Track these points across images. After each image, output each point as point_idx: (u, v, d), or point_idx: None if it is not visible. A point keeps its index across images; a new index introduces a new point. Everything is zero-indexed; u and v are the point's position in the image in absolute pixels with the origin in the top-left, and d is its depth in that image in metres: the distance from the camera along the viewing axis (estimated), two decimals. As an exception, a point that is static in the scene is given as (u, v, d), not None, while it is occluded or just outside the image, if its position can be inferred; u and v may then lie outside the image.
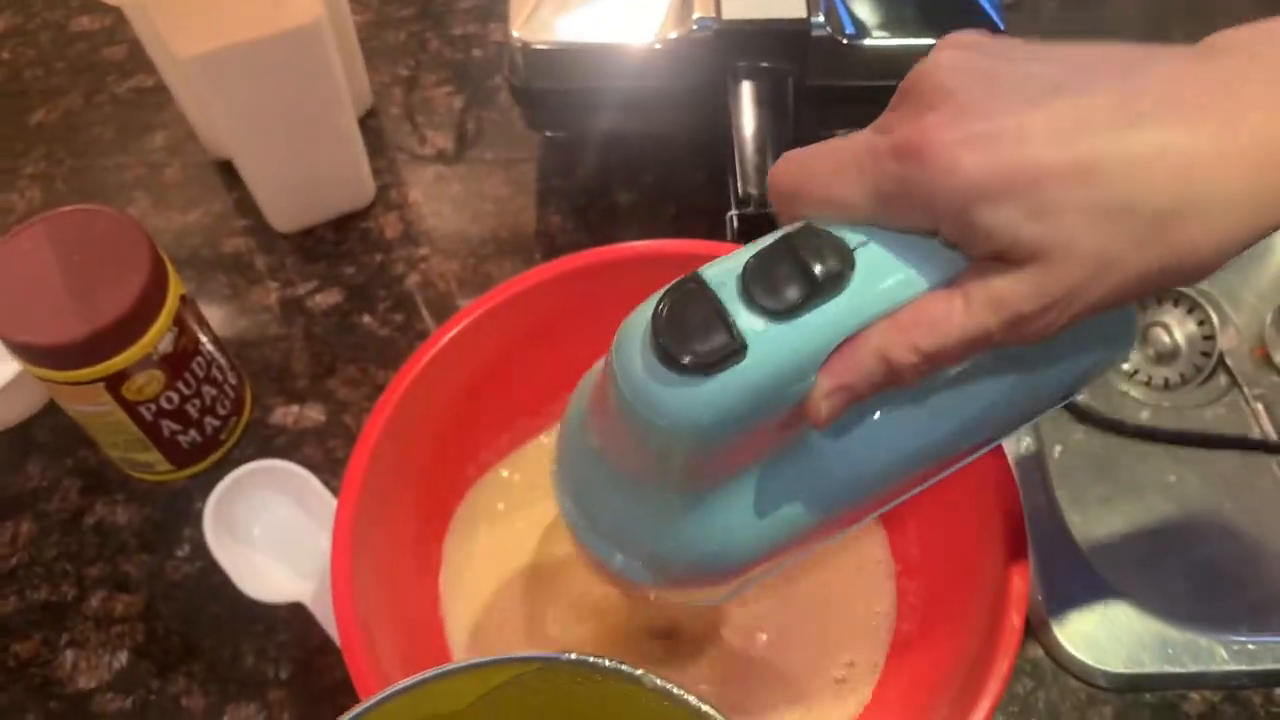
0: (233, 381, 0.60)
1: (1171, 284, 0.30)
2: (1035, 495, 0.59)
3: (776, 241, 0.31)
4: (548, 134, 0.73)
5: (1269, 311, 0.76)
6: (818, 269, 0.30)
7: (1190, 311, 0.78)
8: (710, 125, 0.62)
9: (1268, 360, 0.75)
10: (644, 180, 0.72)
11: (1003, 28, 0.61)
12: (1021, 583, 0.44)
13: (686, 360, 0.30)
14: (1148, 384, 0.77)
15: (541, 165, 0.73)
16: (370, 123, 0.75)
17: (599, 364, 0.36)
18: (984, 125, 0.28)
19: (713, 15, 0.59)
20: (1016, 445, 0.61)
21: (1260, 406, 0.73)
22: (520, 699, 0.37)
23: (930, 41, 0.33)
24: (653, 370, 0.31)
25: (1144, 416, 0.77)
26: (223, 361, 0.59)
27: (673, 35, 0.60)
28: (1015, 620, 0.43)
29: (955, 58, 0.31)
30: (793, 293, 0.30)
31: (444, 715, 0.36)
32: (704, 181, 0.72)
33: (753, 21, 0.59)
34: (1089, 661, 0.54)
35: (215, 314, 0.67)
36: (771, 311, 0.30)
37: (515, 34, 0.62)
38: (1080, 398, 0.78)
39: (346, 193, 0.70)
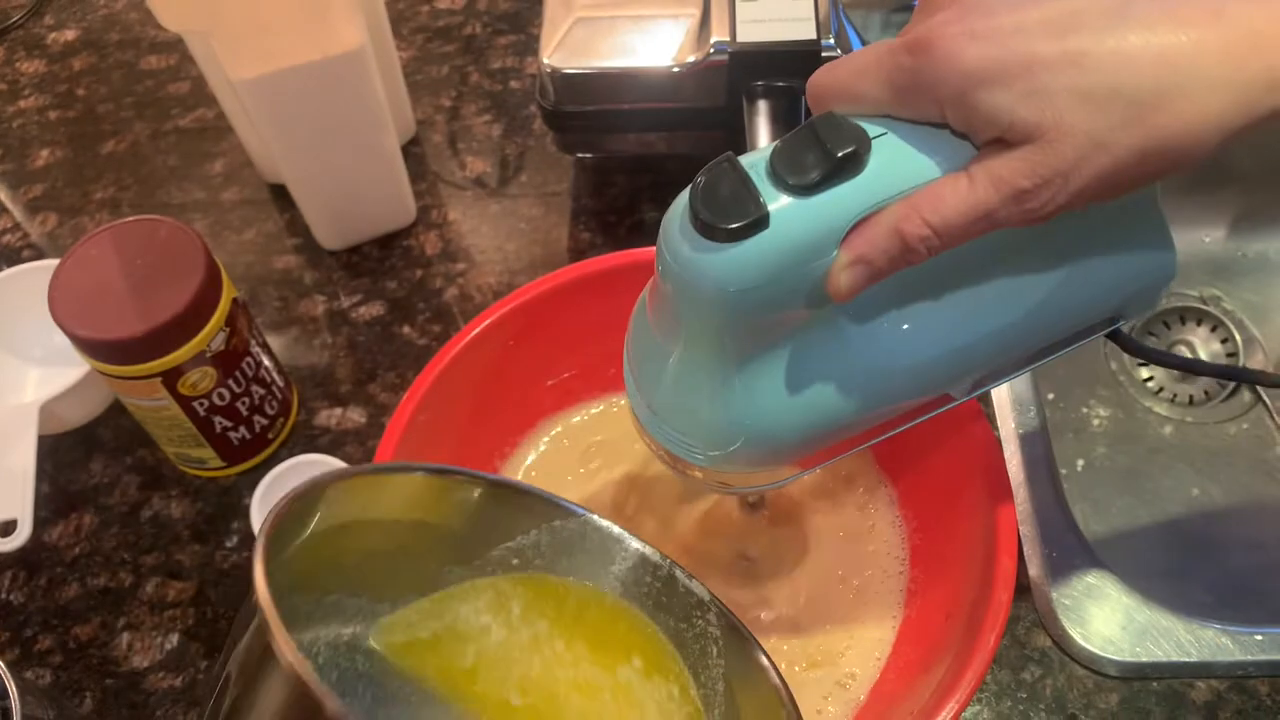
0: (280, 384, 0.64)
1: (1169, 168, 0.32)
2: (1043, 491, 0.61)
3: (801, 128, 0.34)
4: (578, 156, 0.77)
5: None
6: (837, 150, 0.33)
7: (1214, 330, 0.80)
8: (729, 143, 0.65)
9: (1290, 374, 0.76)
10: (670, 197, 0.73)
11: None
12: (1009, 527, 0.47)
13: (717, 228, 0.33)
14: (1172, 400, 0.78)
15: (573, 186, 0.77)
16: (414, 149, 0.80)
17: None
18: (985, 21, 0.32)
19: (728, 39, 0.63)
20: (1027, 443, 0.63)
21: (1284, 420, 0.74)
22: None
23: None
24: (690, 238, 0.34)
25: (1167, 432, 0.78)
26: (270, 364, 0.63)
27: (691, 59, 0.64)
28: (1006, 562, 0.46)
29: None
30: (814, 171, 0.33)
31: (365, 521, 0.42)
32: (727, 200, 0.74)
33: (766, 44, 0.62)
34: (1097, 651, 0.55)
35: (267, 324, 0.72)
36: (794, 187, 0.33)
37: (546, 61, 0.66)
38: (1104, 413, 0.79)
39: (389, 213, 0.74)
